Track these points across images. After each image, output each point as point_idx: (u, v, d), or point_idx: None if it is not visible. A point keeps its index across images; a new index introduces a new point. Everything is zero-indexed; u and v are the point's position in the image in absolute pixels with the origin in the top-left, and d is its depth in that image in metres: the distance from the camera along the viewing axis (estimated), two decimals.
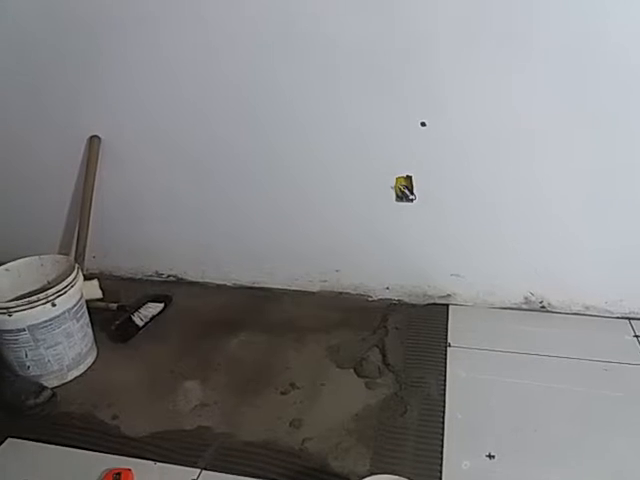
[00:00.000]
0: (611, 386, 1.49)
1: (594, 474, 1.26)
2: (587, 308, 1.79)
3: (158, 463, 1.34)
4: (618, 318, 1.76)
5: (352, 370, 1.61)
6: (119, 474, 1.27)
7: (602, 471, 1.26)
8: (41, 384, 1.55)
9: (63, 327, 1.56)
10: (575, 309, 1.80)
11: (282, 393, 1.54)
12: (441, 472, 1.27)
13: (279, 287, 2.03)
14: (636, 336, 1.69)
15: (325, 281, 1.98)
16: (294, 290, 2.01)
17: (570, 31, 1.41)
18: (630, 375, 1.53)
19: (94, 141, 1.88)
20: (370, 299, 1.95)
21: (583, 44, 1.42)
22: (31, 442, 1.41)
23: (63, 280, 1.56)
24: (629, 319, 1.75)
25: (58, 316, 1.53)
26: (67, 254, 2.03)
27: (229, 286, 2.07)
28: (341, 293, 1.97)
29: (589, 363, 1.58)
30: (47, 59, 1.78)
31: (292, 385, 1.57)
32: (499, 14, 1.43)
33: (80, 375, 1.64)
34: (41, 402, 1.51)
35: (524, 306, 1.83)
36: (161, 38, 1.66)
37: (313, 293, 2.00)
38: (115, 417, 1.48)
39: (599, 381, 1.52)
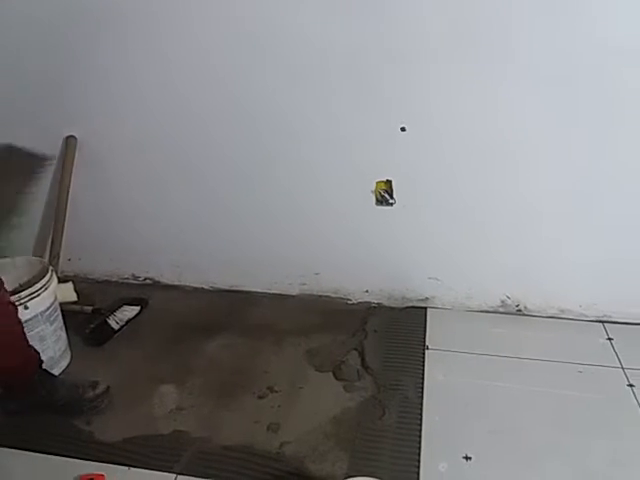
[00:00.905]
0: (585, 388, 1.52)
1: (569, 475, 1.27)
2: (562, 311, 1.81)
3: (132, 468, 1.31)
4: (592, 321, 1.79)
5: (331, 373, 1.61)
6: None
7: (577, 472, 1.28)
8: (91, 379, 1.50)
9: (36, 330, 1.52)
10: (550, 312, 1.82)
11: (260, 397, 1.53)
12: (418, 474, 1.27)
13: (258, 290, 2.01)
14: (609, 339, 1.72)
15: (305, 284, 1.98)
16: (273, 293, 2.00)
17: (556, 39, 1.44)
18: (604, 377, 1.56)
19: (70, 141, 1.85)
20: (349, 302, 1.95)
21: (568, 53, 1.44)
22: (1, 448, 1.37)
23: (36, 282, 1.52)
24: (602, 322, 1.79)
25: (31, 319, 1.50)
26: (41, 256, 1.99)
27: (207, 289, 2.05)
28: (321, 296, 1.97)
29: (564, 365, 1.60)
30: (25, 56, 1.75)
31: (270, 389, 1.56)
32: (482, 22, 1.45)
33: None
34: (100, 393, 1.47)
35: (501, 309, 1.85)
36: (148, 38, 1.65)
37: (292, 296, 1.99)
38: (89, 422, 1.45)
39: (574, 383, 1.54)
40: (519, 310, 1.84)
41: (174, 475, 1.29)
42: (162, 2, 1.59)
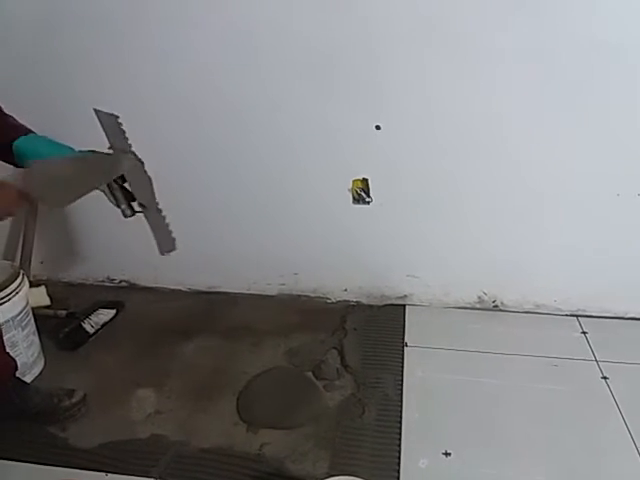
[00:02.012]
0: (561, 381, 1.54)
1: (546, 468, 1.29)
2: (538, 306, 1.84)
3: (110, 474, 1.29)
4: (567, 315, 1.83)
5: (311, 373, 1.60)
6: None
7: (553, 464, 1.30)
8: (67, 387, 1.47)
9: (7, 336, 1.48)
10: (526, 307, 1.85)
11: (239, 398, 1.52)
12: (399, 471, 1.28)
13: (236, 291, 2.00)
14: (584, 332, 1.75)
15: (283, 284, 1.97)
16: (252, 294, 1.99)
17: (534, 31, 1.44)
18: (578, 370, 1.59)
19: None
20: (329, 301, 1.95)
21: (548, 46, 1.45)
22: None
23: (6, 287, 1.48)
24: (577, 316, 1.82)
25: (1, 324, 1.46)
26: (12, 260, 1.94)
27: (184, 291, 2.03)
28: (300, 296, 1.97)
29: (540, 359, 1.63)
30: (22, 55, 1.69)
31: None
32: (457, 18, 1.46)
33: None
34: (77, 402, 1.44)
35: (478, 305, 1.87)
36: (143, 35, 1.61)
37: (271, 296, 1.98)
38: (64, 429, 1.42)
39: (549, 377, 1.56)
40: (495, 306, 1.87)
41: None
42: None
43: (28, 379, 1.57)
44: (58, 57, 1.68)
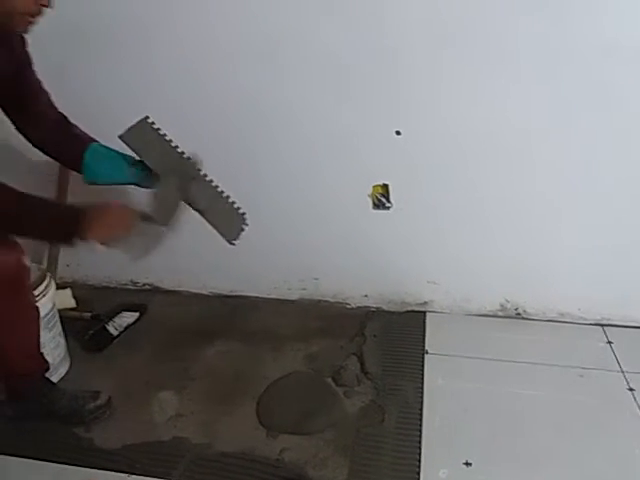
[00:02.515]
0: (586, 392, 1.52)
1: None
2: (561, 315, 1.81)
3: (132, 475, 1.31)
4: (591, 325, 1.79)
5: (330, 379, 1.60)
6: None
7: (577, 476, 1.28)
8: (93, 389, 1.50)
9: None
10: (550, 316, 1.82)
11: (259, 403, 1.53)
12: None
13: (257, 295, 2.01)
14: (609, 342, 1.71)
15: (304, 289, 1.97)
16: (272, 298, 2.00)
17: (552, 36, 1.43)
18: (604, 381, 1.56)
19: None
20: (349, 307, 1.95)
21: (564, 50, 1.45)
22: (1, 455, 1.37)
23: (34, 289, 1.51)
24: (602, 326, 1.78)
25: None
26: (39, 262, 1.98)
27: (206, 295, 2.04)
28: (320, 301, 1.97)
29: (564, 369, 1.60)
30: None
31: None
32: (478, 23, 1.45)
33: None
34: (101, 405, 1.46)
35: (500, 313, 1.85)
36: (141, 42, 1.65)
37: (292, 301, 1.99)
38: (88, 429, 1.45)
39: (574, 387, 1.54)
40: (518, 314, 1.84)
41: None
42: (160, 5, 1.59)
43: (54, 379, 1.60)
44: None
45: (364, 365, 1.65)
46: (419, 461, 1.32)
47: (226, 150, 1.77)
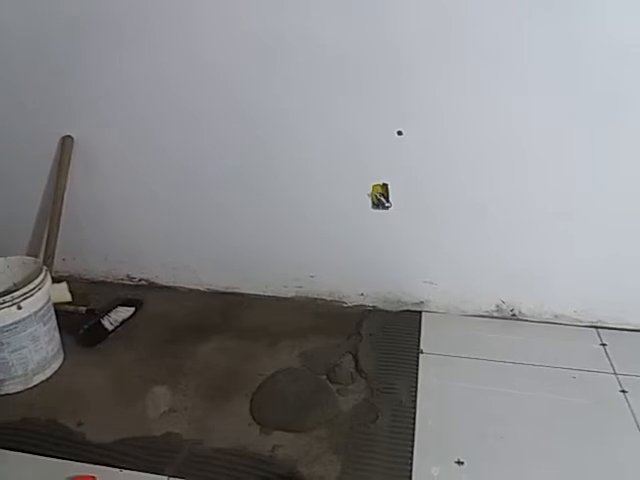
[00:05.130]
0: (579, 393, 1.52)
1: None
2: (556, 317, 1.82)
3: (124, 470, 1.31)
4: (586, 327, 1.80)
5: (325, 376, 1.60)
6: None
7: (568, 477, 1.28)
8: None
9: (29, 330, 1.52)
10: (545, 317, 1.83)
11: (252, 400, 1.53)
12: (411, 478, 1.27)
13: (253, 292, 2.01)
14: (603, 344, 1.72)
15: (300, 287, 1.97)
16: (268, 296, 2.00)
17: (556, 40, 1.44)
18: (597, 382, 1.56)
19: (67, 141, 1.84)
20: (345, 305, 1.95)
21: (567, 53, 1.45)
22: None
23: (30, 282, 1.52)
24: (596, 328, 1.79)
25: (24, 319, 1.49)
26: (35, 256, 1.98)
27: (202, 291, 2.04)
28: (316, 299, 1.97)
29: (558, 371, 1.60)
30: (23, 56, 1.75)
31: None
32: (479, 24, 1.45)
33: (45, 380, 1.60)
34: None
35: (495, 314, 1.85)
36: (144, 37, 1.65)
37: (288, 299, 1.99)
38: (80, 423, 1.45)
39: (567, 388, 1.54)
40: (514, 315, 1.85)
41: (166, 477, 1.29)
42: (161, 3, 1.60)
43: (48, 373, 1.61)
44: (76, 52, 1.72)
45: (359, 363, 1.65)
46: (411, 459, 1.32)
47: (224, 147, 1.77)
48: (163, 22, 1.62)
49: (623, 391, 1.52)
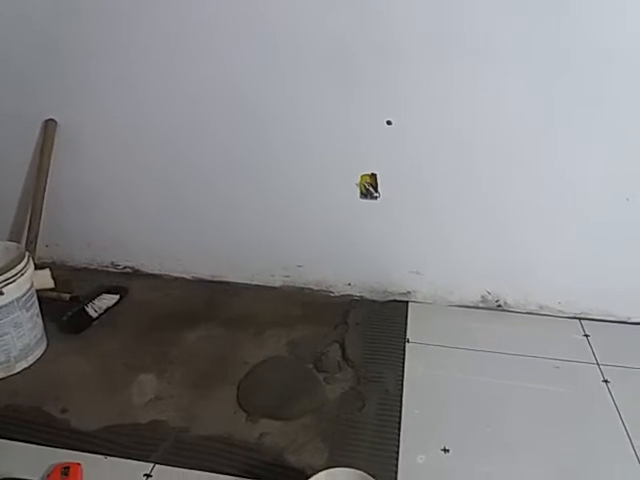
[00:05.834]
0: (561, 383, 1.54)
1: (544, 468, 1.29)
2: (541, 308, 1.84)
3: (109, 457, 1.30)
4: (570, 318, 1.82)
5: (312, 365, 1.61)
6: (67, 468, 1.23)
7: (551, 464, 1.30)
8: None
9: (11, 317, 1.49)
10: (530, 308, 1.85)
11: (239, 387, 1.52)
12: (397, 465, 1.28)
13: (240, 281, 2.00)
14: (586, 335, 1.75)
15: (287, 276, 1.97)
16: (255, 285, 1.99)
17: (546, 36, 1.44)
18: (580, 373, 1.59)
19: (50, 125, 1.81)
20: (332, 295, 1.95)
21: (557, 50, 1.45)
22: None
23: (12, 268, 1.49)
24: (580, 319, 1.82)
25: (6, 305, 1.47)
26: (18, 242, 1.94)
27: (188, 279, 2.03)
28: (303, 288, 1.97)
29: (541, 361, 1.63)
30: (4, 37, 1.70)
31: None
32: (469, 16, 1.45)
33: (28, 367, 1.57)
34: None
35: (481, 304, 1.87)
36: (131, 22, 1.61)
37: (275, 288, 1.98)
38: (64, 410, 1.43)
39: (550, 378, 1.56)
40: (499, 305, 1.87)
41: (151, 464, 1.28)
42: None
43: (30, 360, 1.58)
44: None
45: (345, 352, 1.65)
46: (398, 447, 1.33)
47: (209, 136, 1.75)
48: (159, 5, 1.58)
49: (605, 381, 1.55)
